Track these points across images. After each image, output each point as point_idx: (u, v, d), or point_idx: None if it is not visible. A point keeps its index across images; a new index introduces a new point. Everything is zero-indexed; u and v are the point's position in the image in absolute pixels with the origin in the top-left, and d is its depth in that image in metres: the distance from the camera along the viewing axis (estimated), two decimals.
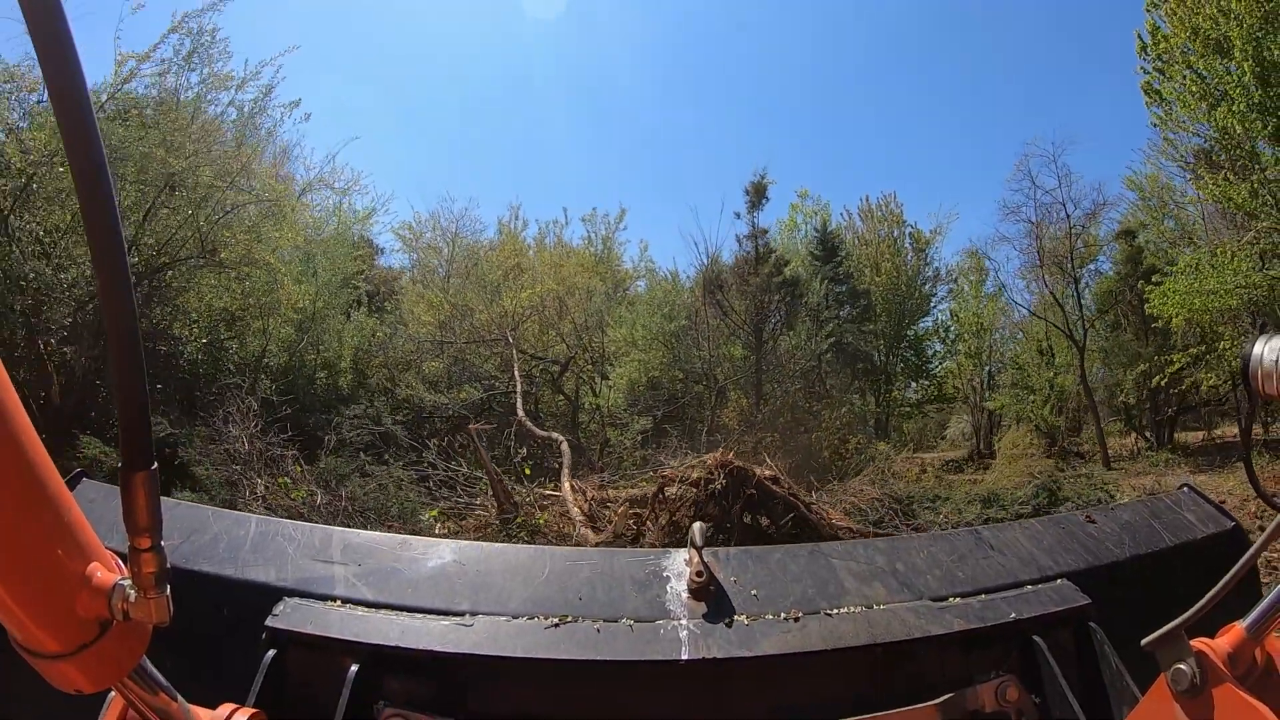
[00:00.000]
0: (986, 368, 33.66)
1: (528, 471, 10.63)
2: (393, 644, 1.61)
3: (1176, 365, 20.76)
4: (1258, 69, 15.71)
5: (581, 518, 9.01)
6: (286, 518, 7.83)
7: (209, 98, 15.47)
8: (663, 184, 67.95)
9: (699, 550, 1.85)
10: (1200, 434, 25.54)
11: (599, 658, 1.64)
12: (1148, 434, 25.28)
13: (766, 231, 24.95)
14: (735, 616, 1.75)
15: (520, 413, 12.87)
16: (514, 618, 1.73)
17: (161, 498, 0.96)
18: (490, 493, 9.20)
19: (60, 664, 0.95)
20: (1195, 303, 18.35)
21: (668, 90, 74.29)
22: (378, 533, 2.06)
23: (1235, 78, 16.06)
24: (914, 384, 35.61)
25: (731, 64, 73.41)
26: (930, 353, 35.35)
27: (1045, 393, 27.72)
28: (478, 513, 9.45)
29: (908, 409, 35.01)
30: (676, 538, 7.77)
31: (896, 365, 33.66)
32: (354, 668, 1.57)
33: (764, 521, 7.87)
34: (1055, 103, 55.31)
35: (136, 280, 13.36)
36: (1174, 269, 19.65)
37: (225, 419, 10.11)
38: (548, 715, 1.72)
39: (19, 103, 12.96)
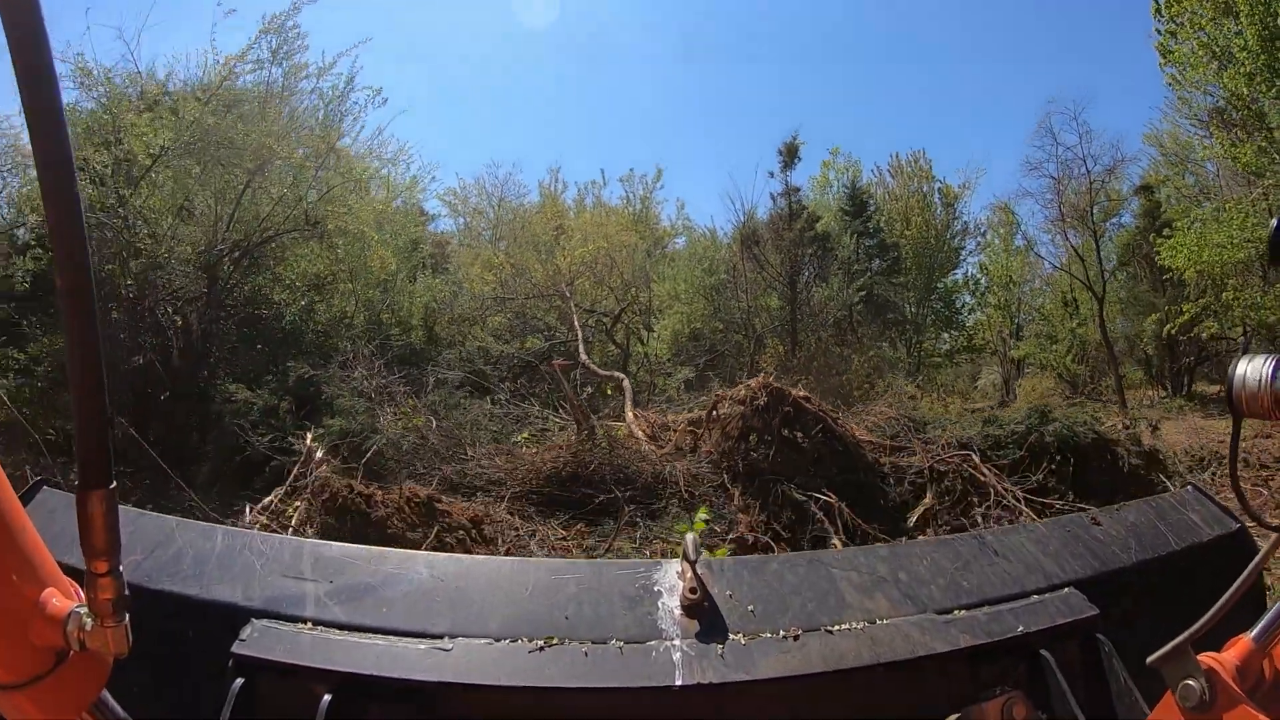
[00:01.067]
0: (1016, 320, 34.77)
1: (608, 392, 12.57)
2: (367, 672, 1.57)
3: (1187, 315, 21.72)
4: (1264, 32, 16.54)
5: (645, 437, 10.88)
6: (417, 439, 9.87)
7: (294, 87, 17.45)
8: (697, 144, 69.17)
9: (692, 564, 1.80)
10: (1219, 386, 26.48)
11: (587, 685, 1.58)
12: (1166, 383, 26.30)
13: (799, 189, 26.42)
14: (731, 636, 1.70)
15: (584, 356, 14.74)
16: (495, 640, 1.67)
17: (127, 509, 0.92)
18: (571, 417, 11.11)
19: (13, 696, 0.93)
20: (1204, 255, 19.31)
21: (701, 49, 74.81)
22: (351, 545, 2.05)
23: (1242, 41, 16.94)
24: (945, 335, 36.54)
25: (764, 22, 73.62)
26: (960, 305, 36.35)
27: (1068, 342, 28.94)
28: (560, 434, 11.36)
29: (938, 359, 36.09)
30: (726, 446, 9.62)
31: (927, 317, 34.67)
32: (326, 697, 1.53)
33: (799, 436, 9.64)
34: (1077, 60, 55.72)
35: (241, 253, 15.36)
36: (1180, 223, 20.69)
37: (343, 364, 12.16)
38: None
39: (134, 101, 14.90)
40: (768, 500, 8.81)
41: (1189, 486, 2.34)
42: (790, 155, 25.12)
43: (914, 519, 9.48)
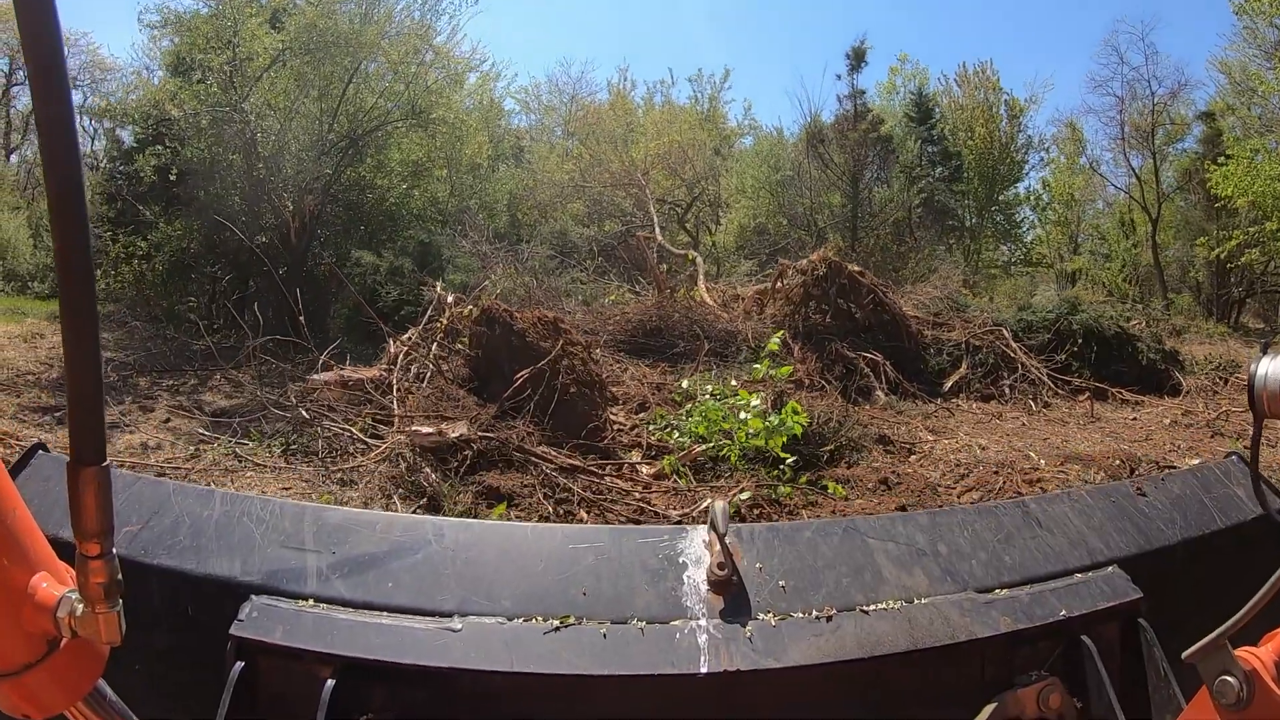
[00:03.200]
0: (1075, 238, 35.04)
1: (691, 259, 14.22)
2: (371, 656, 1.50)
3: (1234, 241, 22.03)
4: None
5: (715, 305, 12.52)
6: (522, 295, 11.67)
7: None
8: (764, 46, 68.15)
9: (721, 536, 1.68)
10: (1263, 325, 26.66)
11: (605, 672, 1.50)
12: (1214, 310, 26.37)
13: (864, 92, 27.22)
14: (760, 616, 1.61)
15: (659, 236, 16.26)
16: (507, 619, 1.58)
17: (123, 472, 0.89)
18: (649, 286, 12.79)
19: (2, 685, 0.89)
20: (1255, 186, 19.63)
21: None
22: (355, 510, 1.98)
23: None
24: (1004, 247, 36.78)
25: None
26: (1020, 218, 36.51)
27: (1121, 261, 29.44)
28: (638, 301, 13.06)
29: (995, 270, 36.46)
30: (789, 310, 11.19)
31: (986, 227, 35.03)
32: (330, 681, 1.46)
33: (852, 306, 11.13)
34: None
35: (348, 143, 16.52)
36: (1231, 153, 20.86)
37: (456, 235, 13.97)
38: None
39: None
40: (823, 355, 10.44)
41: (1232, 456, 2.22)
42: (858, 59, 25.84)
43: (949, 384, 11.04)
